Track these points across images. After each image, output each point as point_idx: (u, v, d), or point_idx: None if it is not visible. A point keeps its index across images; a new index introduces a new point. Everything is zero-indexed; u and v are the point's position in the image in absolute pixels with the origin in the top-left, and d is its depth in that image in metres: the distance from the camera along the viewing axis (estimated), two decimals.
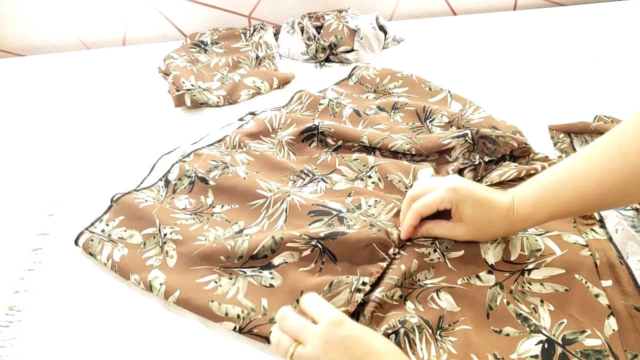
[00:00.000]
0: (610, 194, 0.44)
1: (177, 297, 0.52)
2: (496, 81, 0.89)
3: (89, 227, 0.63)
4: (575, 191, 0.45)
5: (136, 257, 0.58)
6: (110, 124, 0.90)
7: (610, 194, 0.44)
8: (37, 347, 0.51)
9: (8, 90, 1.07)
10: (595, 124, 0.67)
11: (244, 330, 0.48)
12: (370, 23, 1.05)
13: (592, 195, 0.44)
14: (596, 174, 0.44)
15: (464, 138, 0.65)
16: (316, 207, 0.59)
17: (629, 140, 0.42)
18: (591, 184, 0.44)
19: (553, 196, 0.46)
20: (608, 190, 0.43)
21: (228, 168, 0.67)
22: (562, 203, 0.46)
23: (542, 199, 0.47)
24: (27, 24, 1.21)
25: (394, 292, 0.49)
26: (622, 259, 0.49)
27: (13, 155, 0.84)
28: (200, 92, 0.91)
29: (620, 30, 1.01)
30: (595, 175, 0.44)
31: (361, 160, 0.67)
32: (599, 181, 0.44)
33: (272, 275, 0.53)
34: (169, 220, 0.61)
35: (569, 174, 0.46)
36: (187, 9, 1.21)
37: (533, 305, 0.47)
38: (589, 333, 0.43)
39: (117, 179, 0.73)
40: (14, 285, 0.58)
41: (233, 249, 0.55)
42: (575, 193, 0.45)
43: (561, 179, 0.46)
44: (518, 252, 0.51)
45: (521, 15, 1.13)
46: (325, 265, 0.53)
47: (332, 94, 0.88)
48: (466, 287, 0.49)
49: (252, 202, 0.63)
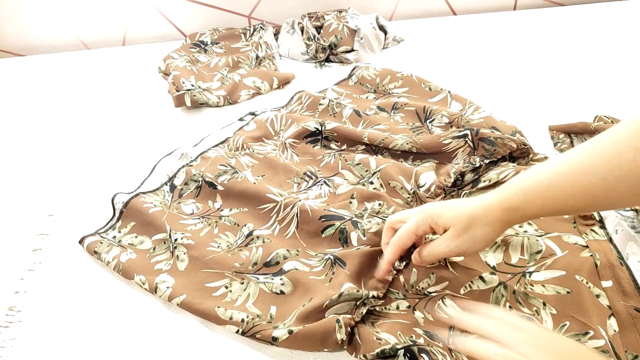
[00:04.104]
0: (614, 191, 0.39)
1: (182, 300, 0.52)
2: (496, 81, 0.88)
3: (100, 232, 0.63)
4: (573, 185, 0.40)
5: (144, 261, 0.58)
6: (110, 124, 0.90)
7: (614, 191, 0.39)
8: (37, 347, 0.51)
9: (8, 90, 1.07)
10: (595, 124, 0.67)
11: (247, 333, 0.48)
12: (370, 23, 1.05)
13: (593, 192, 0.39)
14: (599, 168, 0.39)
15: (464, 139, 0.66)
16: (327, 211, 0.59)
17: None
18: (593, 178, 0.39)
19: (547, 188, 0.41)
20: (612, 187, 0.38)
21: (237, 173, 0.67)
22: (556, 196, 0.41)
23: (534, 189, 0.42)
24: (27, 24, 1.21)
25: (398, 304, 0.50)
26: (622, 260, 0.49)
27: (13, 156, 0.84)
28: (200, 92, 0.91)
29: (620, 30, 1.01)
30: (598, 170, 0.39)
31: (363, 165, 0.67)
32: (602, 176, 0.39)
33: (282, 282, 0.53)
34: (179, 227, 0.61)
35: (567, 166, 0.41)
36: (187, 9, 1.20)
37: (535, 307, 0.47)
38: (592, 334, 0.43)
39: (117, 179, 0.73)
40: (14, 285, 0.58)
41: (248, 258, 0.56)
42: (573, 187, 0.40)
43: (558, 170, 0.41)
44: (519, 255, 0.51)
45: (521, 15, 1.13)
46: (335, 275, 0.52)
47: (332, 94, 0.88)
48: (469, 295, 0.49)
49: (261, 205, 0.62)
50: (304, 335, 0.45)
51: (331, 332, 0.45)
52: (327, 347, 0.45)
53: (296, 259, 0.55)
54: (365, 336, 0.45)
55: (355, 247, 0.55)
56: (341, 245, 0.56)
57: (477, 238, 0.45)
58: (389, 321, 0.48)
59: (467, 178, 0.64)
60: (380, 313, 0.49)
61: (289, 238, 0.59)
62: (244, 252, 0.57)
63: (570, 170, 0.41)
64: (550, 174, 0.42)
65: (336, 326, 0.45)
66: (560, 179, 0.41)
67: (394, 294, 0.51)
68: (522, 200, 0.43)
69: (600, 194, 0.39)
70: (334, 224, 0.57)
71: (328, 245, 0.57)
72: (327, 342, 0.45)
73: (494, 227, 0.44)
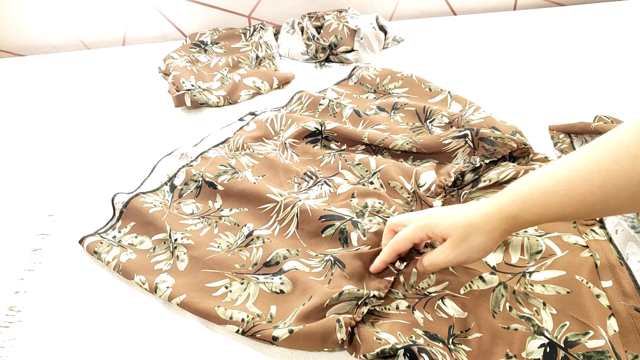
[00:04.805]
0: (613, 199, 0.37)
1: (182, 300, 0.52)
2: (496, 81, 0.88)
3: (100, 232, 0.63)
4: (570, 193, 0.39)
5: (144, 261, 0.58)
6: (110, 124, 0.90)
7: (613, 199, 0.37)
8: (37, 347, 0.51)
9: (8, 90, 1.07)
10: (595, 124, 0.66)
11: (247, 333, 0.48)
12: (370, 23, 1.05)
13: (591, 200, 0.38)
14: (597, 175, 0.37)
15: (464, 139, 0.66)
16: (327, 211, 0.59)
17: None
18: (590, 186, 0.37)
19: (545, 195, 0.40)
20: (611, 195, 0.37)
21: (237, 173, 0.67)
22: (554, 204, 0.40)
23: (531, 197, 0.41)
24: (27, 24, 1.21)
25: (397, 304, 0.50)
26: (622, 260, 0.49)
27: (13, 156, 0.84)
28: (200, 92, 0.91)
29: (620, 30, 1.01)
30: (596, 177, 0.37)
31: (363, 165, 0.67)
32: (600, 184, 0.37)
33: (281, 281, 0.53)
34: (179, 227, 0.61)
35: (565, 173, 0.39)
36: (187, 9, 1.20)
37: (535, 307, 0.46)
38: (592, 334, 0.43)
39: (117, 179, 0.73)
40: (14, 285, 0.58)
41: (249, 259, 0.56)
42: (570, 195, 0.39)
43: (555, 177, 0.40)
44: (519, 255, 0.51)
45: (521, 15, 1.13)
46: (334, 276, 0.52)
47: (332, 94, 0.88)
48: (469, 295, 0.49)
49: (261, 205, 0.63)
50: (304, 334, 0.45)
51: (331, 332, 0.45)
52: (328, 346, 0.45)
53: (296, 259, 0.55)
54: (365, 336, 0.45)
55: (355, 247, 0.55)
56: (341, 245, 0.56)
57: (476, 248, 0.44)
58: (389, 321, 0.48)
59: (467, 178, 0.64)
60: (380, 313, 0.49)
61: (289, 238, 0.59)
62: (244, 253, 0.57)
63: (567, 177, 0.39)
64: (548, 181, 0.40)
65: (337, 326, 0.45)
66: (557, 186, 0.39)
67: (394, 294, 0.51)
68: (520, 208, 0.42)
69: (599, 203, 0.38)
70: (334, 224, 0.57)
71: (328, 245, 0.57)
72: (328, 342, 0.45)
73: (492, 236, 0.44)
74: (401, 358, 0.42)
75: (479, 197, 0.60)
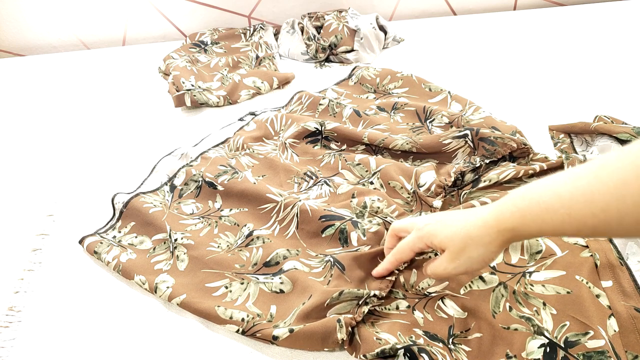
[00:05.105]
0: (617, 224, 0.34)
1: (182, 300, 0.52)
2: (496, 81, 0.88)
3: (100, 232, 0.63)
4: (571, 212, 0.35)
5: (144, 261, 0.58)
6: (110, 124, 0.90)
7: (617, 224, 0.34)
8: (37, 347, 0.51)
9: (8, 90, 1.07)
10: (595, 124, 0.66)
11: (247, 333, 0.48)
12: (370, 23, 1.05)
13: (593, 223, 0.34)
14: (601, 197, 0.33)
15: (464, 139, 0.66)
16: (327, 211, 0.59)
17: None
18: (593, 209, 0.34)
19: (545, 211, 0.37)
20: (614, 220, 0.33)
21: (237, 174, 0.67)
22: (554, 222, 0.37)
23: (531, 211, 0.38)
24: (27, 24, 1.21)
25: (397, 304, 0.50)
26: (622, 260, 0.49)
27: (13, 156, 0.84)
28: (200, 92, 0.91)
29: (620, 30, 1.01)
30: (599, 199, 0.34)
31: (364, 166, 0.67)
32: (603, 207, 0.33)
33: (281, 280, 0.53)
34: (179, 227, 0.61)
35: (568, 189, 0.36)
36: (187, 9, 1.20)
37: (535, 307, 0.47)
38: (592, 334, 0.43)
39: (117, 179, 0.73)
40: (14, 285, 0.58)
41: (249, 259, 0.56)
42: (571, 215, 0.35)
43: (557, 192, 0.37)
44: (519, 255, 0.51)
45: (521, 15, 1.13)
46: (333, 277, 0.52)
47: (332, 94, 0.88)
48: (469, 295, 0.49)
49: (262, 206, 0.63)
50: (304, 334, 0.45)
51: (332, 332, 0.45)
52: (328, 346, 0.45)
53: (296, 259, 0.55)
54: (365, 336, 0.45)
55: (355, 247, 0.55)
56: (341, 245, 0.56)
57: (475, 259, 0.43)
58: (389, 321, 0.48)
59: (468, 178, 0.64)
60: (380, 313, 0.49)
61: (289, 238, 0.59)
62: (244, 253, 0.57)
63: (570, 195, 0.36)
64: (549, 196, 0.37)
65: (337, 326, 0.45)
66: (558, 204, 0.36)
67: (394, 294, 0.51)
68: (518, 222, 0.39)
69: (601, 226, 0.34)
70: (334, 224, 0.57)
71: (328, 245, 0.57)
72: (328, 342, 0.45)
73: (490, 247, 0.42)
74: (401, 358, 0.42)
75: (479, 197, 0.60)
